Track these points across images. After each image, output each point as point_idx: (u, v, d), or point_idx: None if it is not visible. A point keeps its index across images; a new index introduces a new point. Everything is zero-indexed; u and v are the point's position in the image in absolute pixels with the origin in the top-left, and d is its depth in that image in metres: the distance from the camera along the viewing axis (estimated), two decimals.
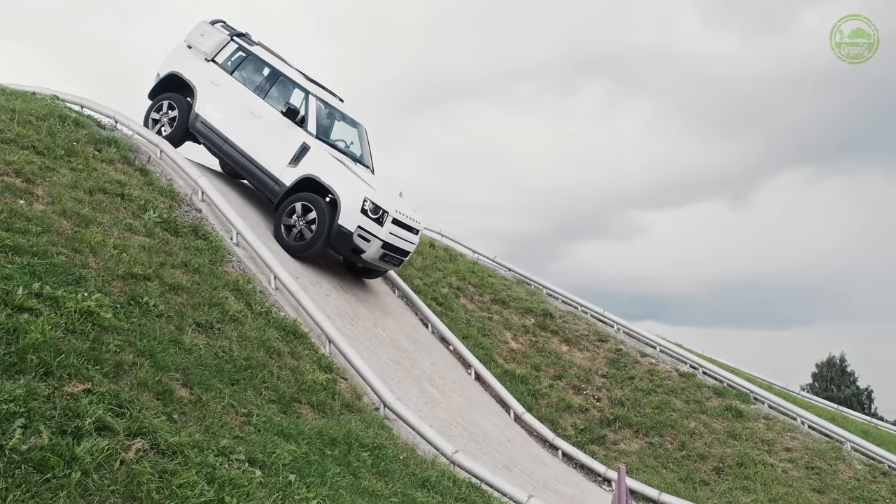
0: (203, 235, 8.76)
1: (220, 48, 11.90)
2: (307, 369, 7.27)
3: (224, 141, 11.32)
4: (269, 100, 11.38)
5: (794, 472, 11.49)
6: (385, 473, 6.04)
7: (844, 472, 11.72)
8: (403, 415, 7.73)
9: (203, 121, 11.52)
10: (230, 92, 11.52)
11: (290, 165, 10.81)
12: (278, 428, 5.70)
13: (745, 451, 11.74)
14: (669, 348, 14.63)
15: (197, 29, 12.18)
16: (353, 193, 10.42)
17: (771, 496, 10.77)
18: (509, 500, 7.08)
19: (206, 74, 11.70)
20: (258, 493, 4.40)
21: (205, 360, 6.08)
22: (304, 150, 10.85)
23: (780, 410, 13.34)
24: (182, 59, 11.98)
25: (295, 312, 8.62)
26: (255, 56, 11.86)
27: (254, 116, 11.22)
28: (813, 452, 12.05)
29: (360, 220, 10.35)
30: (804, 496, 10.88)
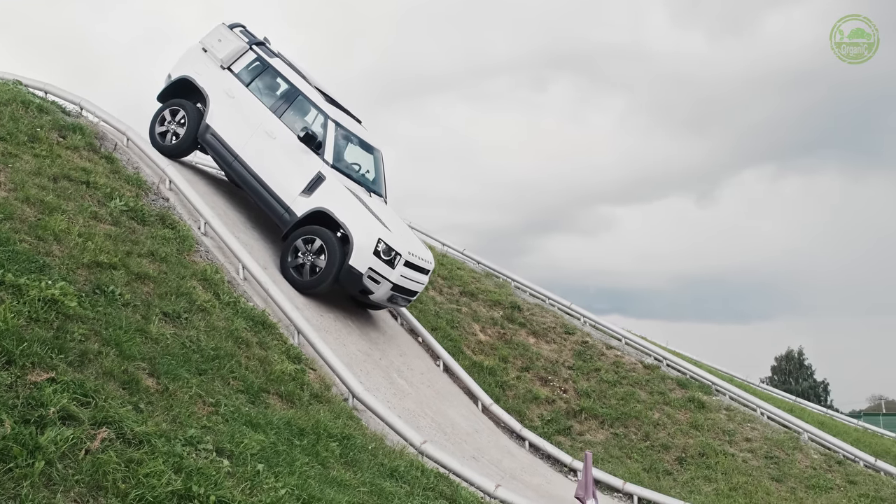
0: (170, 224, 8.67)
1: (238, 56, 11.20)
2: (276, 360, 7.25)
3: (234, 158, 10.66)
4: (285, 119, 10.71)
5: (754, 462, 11.77)
6: (354, 463, 6.06)
7: (802, 461, 12.04)
8: (372, 405, 7.76)
9: (214, 133, 10.85)
10: (245, 106, 10.85)
11: (302, 195, 10.19)
12: (246, 418, 5.68)
13: (706, 442, 11.98)
14: (634, 341, 14.86)
15: (214, 32, 11.45)
16: (366, 233, 9.84)
17: (731, 485, 11.03)
18: (477, 489, 7.15)
19: (221, 83, 11.03)
20: (226, 482, 4.38)
21: (172, 349, 6.03)
22: (319, 181, 10.23)
23: (740, 402, 13.64)
24: (195, 64, 11.30)
25: (264, 303, 8.58)
26: (273, 69, 11.18)
27: (268, 136, 10.58)
28: (772, 442, 12.35)
29: (372, 261, 9.79)
30: (763, 485, 11.16)
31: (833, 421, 17.26)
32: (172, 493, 3.98)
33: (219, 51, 11.21)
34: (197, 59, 11.36)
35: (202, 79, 11.14)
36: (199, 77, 11.15)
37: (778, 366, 53.63)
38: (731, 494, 10.85)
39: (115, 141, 10.26)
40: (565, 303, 15.72)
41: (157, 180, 9.73)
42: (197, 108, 11.15)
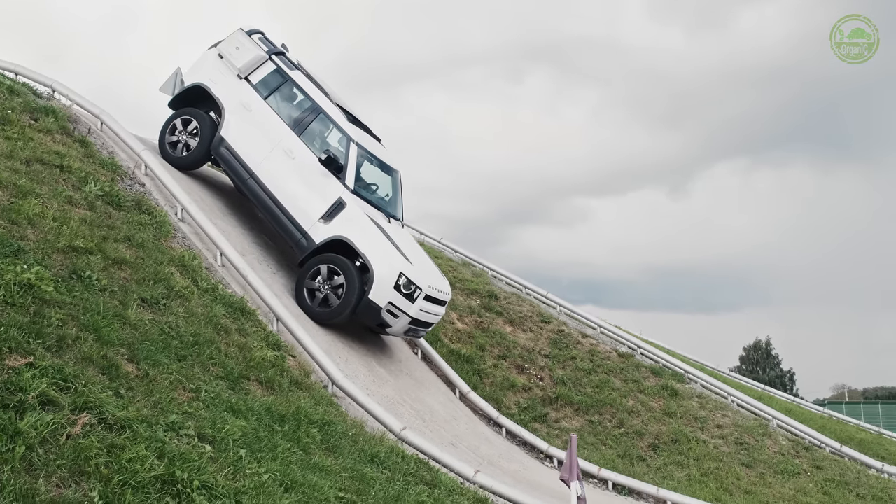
0: (147, 210, 8.56)
1: (256, 66, 10.61)
2: (255, 346, 7.22)
3: (250, 175, 10.15)
4: (305, 138, 10.19)
5: (725, 448, 11.99)
6: (335, 449, 6.06)
7: (770, 447, 12.30)
8: (352, 392, 7.76)
9: (228, 147, 10.33)
10: (262, 120, 10.33)
11: (321, 220, 9.76)
12: (227, 404, 5.66)
13: (679, 429, 12.18)
14: (609, 330, 15.02)
15: (232, 39, 10.87)
16: (388, 266, 9.45)
17: (703, 470, 11.24)
18: (457, 475, 7.20)
19: (238, 94, 10.48)
20: (209, 467, 4.37)
21: (151, 335, 5.98)
22: (340, 207, 9.78)
23: (712, 390, 13.88)
24: (211, 71, 10.73)
25: (242, 289, 8.53)
26: (293, 82, 10.60)
27: (286, 155, 10.08)
28: (742, 429, 12.59)
29: (392, 295, 9.40)
30: (733, 470, 11.39)
31: (800, 408, 17.64)
32: (156, 478, 3.96)
33: (236, 59, 10.64)
34: (212, 65, 10.78)
35: (217, 88, 10.58)
36: (214, 86, 10.60)
37: (746, 355, 54.59)
38: (702, 480, 11.06)
39: (89, 124, 10.07)
40: (542, 292, 15.83)
41: (132, 165, 9.58)
42: (211, 118, 10.62)
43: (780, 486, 11.37)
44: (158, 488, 3.91)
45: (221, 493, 4.17)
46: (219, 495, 4.14)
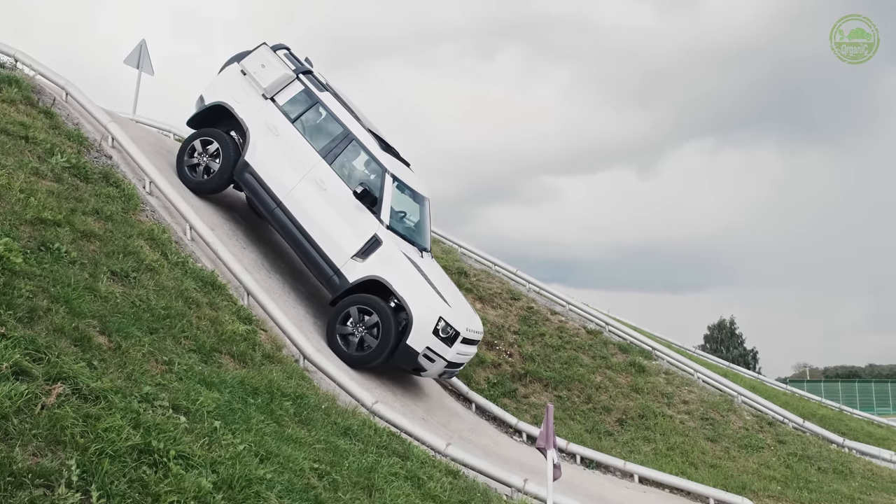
0: (115, 183, 8.42)
1: (283, 86, 10.03)
2: (226, 320, 7.19)
3: (277, 205, 9.59)
4: (336, 167, 9.64)
5: (691, 423, 12.27)
6: (308, 422, 6.10)
7: (735, 422, 12.61)
8: (324, 367, 7.78)
9: (254, 173, 9.74)
10: (291, 146, 9.77)
11: (356, 258, 9.28)
12: (200, 377, 5.65)
13: (646, 404, 12.43)
14: (578, 307, 15.19)
15: (257, 56, 10.22)
16: (427, 310, 9.08)
17: (669, 445, 11.50)
18: (428, 448, 7.28)
19: (263, 116, 9.91)
20: (185, 437, 4.38)
21: (122, 308, 5.92)
22: (375, 244, 9.30)
23: (678, 366, 14.15)
24: (234, 89, 10.10)
25: (212, 264, 8.46)
26: (323, 105, 10.00)
27: (317, 186, 9.52)
28: (707, 405, 12.89)
29: (430, 340, 9.06)
30: (699, 444, 11.67)
31: (763, 385, 18.08)
32: (132, 447, 3.95)
33: (262, 78, 10.02)
34: (235, 83, 10.13)
35: (242, 108, 9.98)
36: (238, 106, 10.00)
37: (710, 334, 55.72)
38: (668, 454, 11.32)
39: (54, 95, 9.84)
40: (511, 269, 15.93)
41: (98, 137, 9.40)
42: (233, 139, 10.07)
43: (744, 459, 11.68)
44: (135, 457, 3.90)
45: (198, 462, 4.19)
46: (195, 465, 4.16)
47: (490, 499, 6.58)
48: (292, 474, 4.77)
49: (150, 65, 16.99)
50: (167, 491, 3.76)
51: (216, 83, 10.35)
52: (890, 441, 15.07)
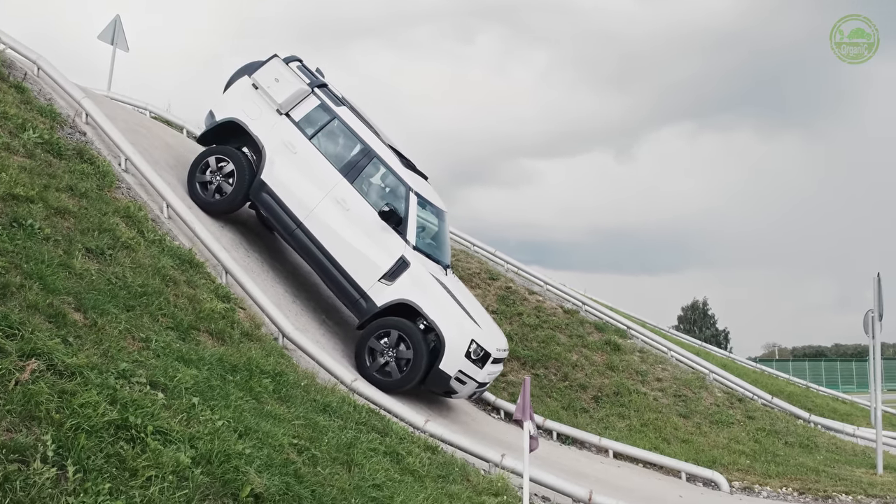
0: (89, 159, 8.30)
1: (298, 101, 9.68)
2: (204, 298, 7.16)
3: (297, 226, 9.31)
4: (358, 186, 9.36)
5: (664, 400, 12.48)
6: (287, 399, 6.12)
7: (707, 399, 12.86)
8: (303, 345, 7.79)
9: (271, 192, 9.41)
10: (310, 164, 9.44)
11: (383, 281, 9.07)
12: (178, 354, 5.63)
13: (621, 382, 12.61)
14: (555, 287, 15.32)
15: (269, 69, 9.83)
16: (459, 333, 8.95)
17: (643, 421, 11.70)
18: (407, 424, 7.34)
19: (279, 133, 9.56)
20: (163, 413, 4.37)
21: (97, 285, 5.87)
22: (403, 266, 9.07)
23: (652, 345, 14.37)
24: (246, 104, 9.74)
25: (189, 242, 8.40)
26: (341, 121, 9.68)
27: (339, 206, 9.25)
28: (680, 382, 13.12)
29: (463, 363, 8.92)
30: (671, 420, 11.90)
31: (734, 364, 18.43)
32: (109, 423, 3.94)
33: (276, 93, 9.67)
34: (247, 97, 9.77)
35: (256, 125, 9.61)
36: (251, 122, 9.63)
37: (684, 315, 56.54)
38: (642, 430, 11.53)
39: (25, 70, 9.65)
40: (490, 249, 16.00)
41: (72, 113, 9.25)
42: (247, 157, 9.72)
43: (714, 435, 11.94)
44: (112, 433, 3.89)
45: (176, 438, 4.19)
46: (173, 440, 4.16)
47: (468, 473, 6.66)
48: (271, 450, 4.80)
49: (124, 41, 16.69)
50: (145, 465, 3.76)
51: (227, 98, 9.96)
52: (853, 417, 15.50)
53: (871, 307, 12.08)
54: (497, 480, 6.71)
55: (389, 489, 5.28)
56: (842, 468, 11.25)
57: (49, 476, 3.34)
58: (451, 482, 6.17)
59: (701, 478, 10.17)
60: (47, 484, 3.27)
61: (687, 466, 10.33)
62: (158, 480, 3.69)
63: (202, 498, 3.80)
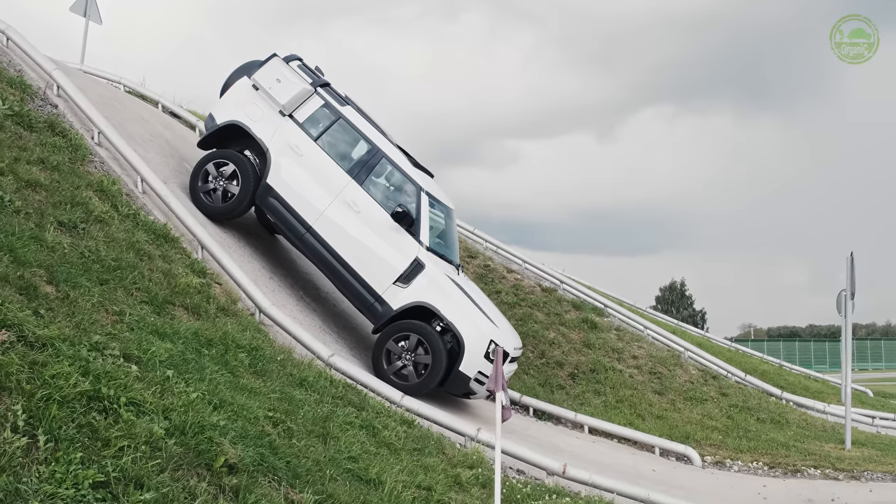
0: (61, 132, 8.16)
1: (301, 102, 9.41)
2: (180, 273, 7.10)
3: (307, 230, 9.09)
4: (367, 187, 9.17)
5: (639, 377, 12.65)
6: (263, 373, 6.12)
7: (681, 376, 13.04)
8: (280, 320, 7.78)
9: (277, 196, 9.16)
10: (317, 166, 9.20)
11: (398, 284, 8.89)
12: (152, 327, 5.60)
13: (597, 359, 12.75)
14: (534, 265, 15.40)
15: (270, 69, 9.52)
16: (478, 334, 8.82)
17: (618, 397, 11.86)
18: (384, 399, 7.37)
19: (284, 135, 9.29)
20: (136, 385, 4.35)
21: (70, 258, 5.81)
22: (418, 268, 8.90)
23: (629, 323, 14.52)
24: (247, 106, 9.46)
25: (164, 217, 8.32)
26: (347, 121, 9.43)
27: (349, 209, 9.04)
28: (656, 360, 13.29)
29: (482, 364, 8.79)
30: (646, 397, 12.06)
31: (710, 342, 18.68)
32: (81, 394, 3.92)
33: (278, 94, 9.38)
34: (248, 99, 9.49)
35: (259, 127, 9.34)
36: (254, 125, 9.35)
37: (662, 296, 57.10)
38: (617, 406, 11.69)
39: None
40: (469, 227, 16.02)
41: (43, 85, 9.08)
42: (250, 160, 9.43)
43: (688, 411, 12.13)
44: (84, 403, 3.87)
45: (150, 409, 4.17)
46: (147, 411, 4.14)
47: (444, 446, 6.72)
48: (246, 422, 4.80)
49: (97, 13, 16.35)
50: (118, 436, 3.74)
51: (227, 100, 9.69)
52: (824, 394, 15.80)
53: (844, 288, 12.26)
54: (472, 453, 6.78)
55: (365, 461, 5.31)
56: (811, 443, 11.50)
57: (19, 445, 3.32)
58: (427, 455, 6.23)
59: (674, 452, 10.36)
60: (18, 452, 3.25)
61: (660, 441, 10.51)
62: (131, 450, 3.68)
63: (175, 468, 3.80)
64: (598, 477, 7.14)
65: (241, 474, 4.08)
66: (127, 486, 3.45)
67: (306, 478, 4.54)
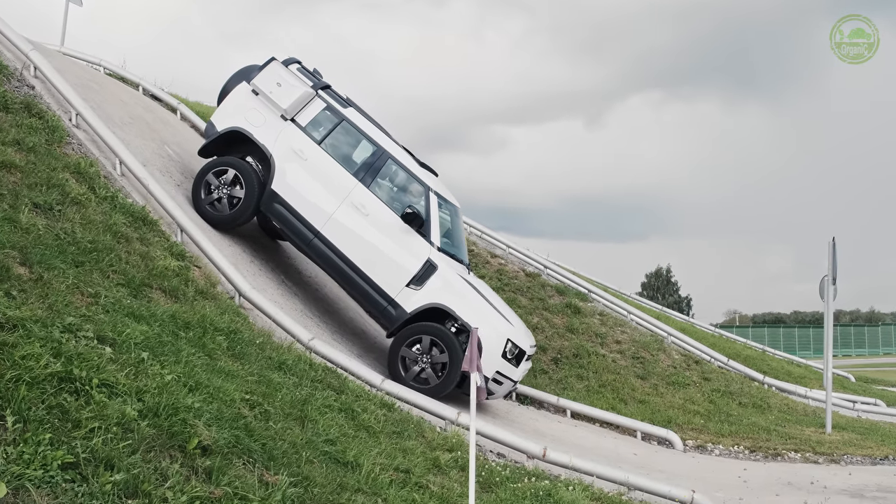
0: (38, 114, 8.05)
1: (303, 105, 9.29)
2: (158, 256, 7.05)
3: (315, 235, 8.96)
4: (375, 190, 9.05)
5: (622, 362, 12.70)
6: (241, 356, 6.08)
7: (664, 361, 13.11)
8: (259, 303, 7.73)
9: (284, 202, 9.01)
10: (322, 170, 9.08)
11: (411, 286, 8.80)
12: (128, 310, 5.55)
13: (580, 344, 12.79)
14: (518, 251, 15.41)
15: (270, 73, 9.39)
16: (496, 334, 8.74)
17: (601, 382, 11.91)
18: (364, 383, 7.36)
19: (287, 140, 9.14)
20: (109, 367, 4.31)
21: (45, 240, 5.74)
22: (430, 269, 8.81)
23: (612, 308, 14.57)
24: (248, 112, 9.31)
25: (143, 200, 8.24)
26: (350, 124, 9.33)
27: (357, 212, 8.92)
28: (639, 345, 13.34)
29: (500, 364, 8.77)
30: (629, 382, 12.12)
31: (693, 328, 18.79)
32: (52, 374, 3.88)
33: (279, 98, 9.24)
34: (248, 105, 9.34)
35: (261, 133, 9.18)
36: (256, 130, 9.20)
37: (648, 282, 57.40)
38: (600, 391, 11.73)
39: None
40: None
41: (19, 66, 8.94)
42: (254, 168, 9.27)
43: (670, 395, 12.20)
44: (55, 384, 3.83)
45: (122, 391, 4.14)
46: (119, 393, 4.11)
47: (424, 430, 6.72)
48: (222, 404, 4.77)
49: None
50: (89, 417, 3.71)
51: (226, 106, 9.51)
52: (807, 379, 15.93)
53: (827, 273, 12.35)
54: (452, 437, 6.79)
55: (342, 444, 5.30)
56: (792, 427, 11.60)
57: None
58: (406, 438, 6.23)
59: (656, 436, 10.43)
60: None
61: (642, 426, 10.57)
62: (102, 431, 3.65)
63: (148, 449, 3.77)
64: (577, 460, 7.17)
65: (215, 456, 4.05)
66: (97, 467, 3.43)
67: (282, 460, 4.53)
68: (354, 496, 4.62)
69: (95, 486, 3.32)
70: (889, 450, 10.51)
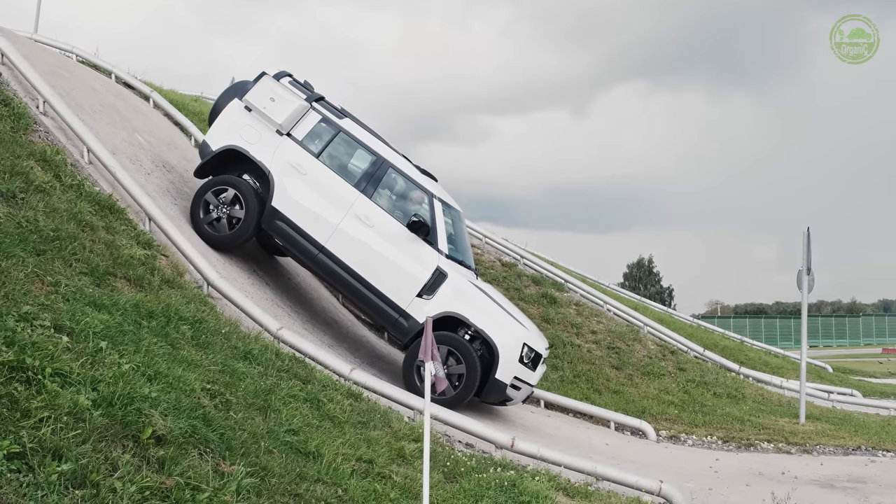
0: (3, 101, 7.95)
1: (299, 119, 9.13)
2: (123, 244, 6.98)
3: (319, 251, 8.78)
4: (378, 200, 8.90)
5: (598, 352, 12.76)
6: (206, 346, 6.04)
7: (640, 351, 13.19)
8: (228, 293, 7.68)
9: (285, 219, 8.84)
10: (323, 183, 8.90)
11: (422, 296, 8.65)
12: (90, 298, 5.49)
13: (556, 334, 12.83)
14: (494, 240, 15.45)
15: (262, 88, 9.21)
16: (511, 339, 8.61)
17: (576, 372, 11.96)
18: (332, 372, 7.34)
19: (284, 155, 8.97)
20: (64, 356, 4.27)
21: (5, 228, 5.67)
22: (441, 278, 8.65)
23: (589, 299, 14.64)
24: (243, 129, 9.12)
25: (111, 188, 8.15)
26: (348, 134, 9.16)
27: (362, 223, 8.74)
28: (615, 335, 13.41)
29: (517, 369, 8.63)
30: (604, 372, 12.19)
31: (671, 318, 18.92)
32: (2, 364, 3.83)
33: (274, 113, 9.06)
34: (242, 122, 9.16)
35: (257, 149, 9.00)
36: (252, 147, 9.01)
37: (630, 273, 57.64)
38: (574, 381, 11.79)
39: None
40: None
41: None
42: (253, 186, 9.11)
43: (645, 385, 12.28)
44: (5, 374, 3.78)
45: (76, 380, 4.10)
46: (73, 383, 4.06)
47: (390, 420, 6.71)
48: (181, 394, 4.73)
49: None
50: (39, 406, 3.66)
51: (220, 125, 9.33)
52: (784, 370, 16.10)
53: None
54: (419, 427, 6.77)
55: (305, 434, 5.28)
56: (766, 418, 11.71)
57: None
58: (372, 428, 6.22)
59: (629, 427, 10.49)
60: None
61: (616, 416, 10.63)
62: (52, 421, 3.61)
63: (99, 439, 3.74)
64: (545, 450, 7.19)
65: (169, 446, 4.02)
66: (44, 457, 3.39)
67: (240, 450, 4.50)
68: (314, 486, 4.60)
69: (41, 476, 3.28)
70: (862, 440, 10.62)
